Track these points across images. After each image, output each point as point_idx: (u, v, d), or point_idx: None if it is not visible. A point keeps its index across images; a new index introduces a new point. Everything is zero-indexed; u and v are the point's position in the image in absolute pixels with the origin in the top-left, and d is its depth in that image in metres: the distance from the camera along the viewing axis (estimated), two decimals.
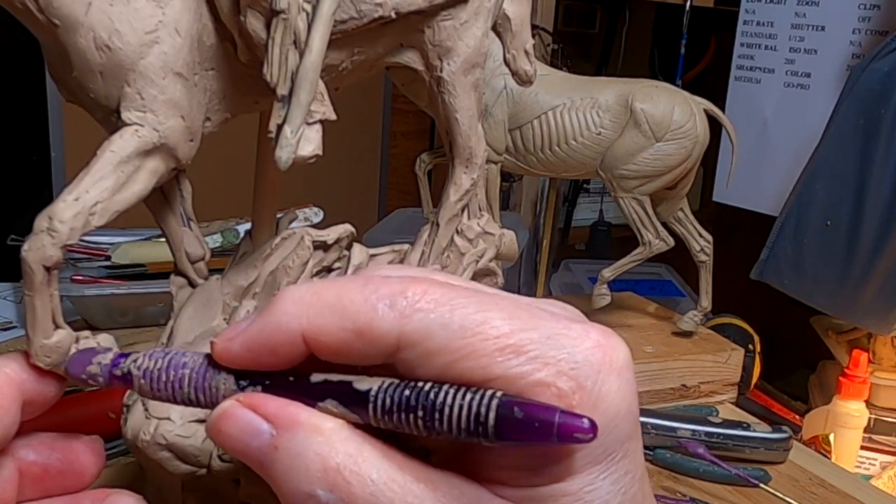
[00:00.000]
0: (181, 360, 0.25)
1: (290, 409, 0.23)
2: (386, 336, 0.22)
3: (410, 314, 0.22)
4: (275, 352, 0.23)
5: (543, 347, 0.22)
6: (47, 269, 0.32)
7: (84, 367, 0.26)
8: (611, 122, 0.80)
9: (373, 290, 0.22)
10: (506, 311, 0.22)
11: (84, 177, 0.34)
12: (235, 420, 0.23)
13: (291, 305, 0.23)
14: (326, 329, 0.22)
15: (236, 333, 0.24)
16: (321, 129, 0.37)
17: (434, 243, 0.50)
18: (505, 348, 0.21)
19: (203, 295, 0.43)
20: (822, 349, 1.21)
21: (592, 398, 0.21)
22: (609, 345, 0.22)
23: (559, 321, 0.22)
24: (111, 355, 0.26)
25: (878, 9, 1.23)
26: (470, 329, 0.22)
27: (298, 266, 0.45)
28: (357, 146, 2.07)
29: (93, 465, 0.29)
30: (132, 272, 0.88)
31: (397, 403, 0.22)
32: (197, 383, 0.24)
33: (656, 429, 0.72)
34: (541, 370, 0.21)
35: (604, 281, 0.85)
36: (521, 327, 0.22)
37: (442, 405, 0.21)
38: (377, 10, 0.40)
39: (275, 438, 0.22)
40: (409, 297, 0.22)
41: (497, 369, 0.21)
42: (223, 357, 0.24)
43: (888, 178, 1.02)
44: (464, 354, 0.21)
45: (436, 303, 0.22)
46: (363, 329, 0.22)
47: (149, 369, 0.25)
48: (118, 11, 0.35)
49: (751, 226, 1.37)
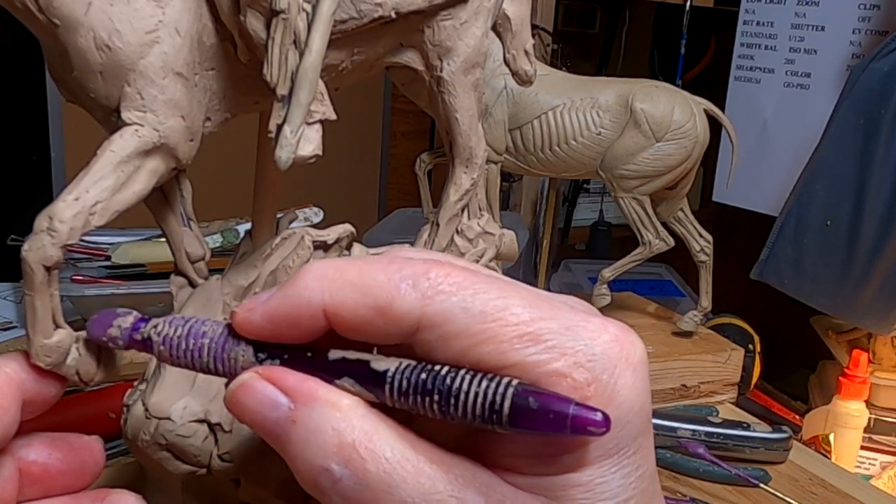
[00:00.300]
0: (201, 328, 0.25)
1: (308, 384, 0.23)
2: (407, 316, 0.22)
3: (432, 295, 0.22)
4: (295, 325, 0.23)
5: (562, 338, 0.22)
6: (47, 269, 0.32)
7: (105, 330, 0.26)
8: (611, 122, 0.80)
9: (396, 270, 0.22)
10: (526, 300, 0.22)
11: (84, 177, 0.34)
12: (254, 392, 0.23)
13: (314, 280, 0.23)
14: (348, 305, 0.22)
15: (257, 304, 0.24)
16: (321, 129, 0.37)
17: (434, 243, 0.50)
18: (524, 336, 0.22)
19: (203, 295, 0.43)
20: (822, 349, 1.21)
21: (607, 391, 0.22)
22: (626, 340, 0.22)
23: (577, 314, 0.23)
24: (132, 318, 0.26)
25: (878, 9, 1.23)
26: (490, 314, 0.22)
27: (298, 266, 0.45)
28: (357, 146, 2.07)
29: (93, 465, 0.29)
30: (132, 272, 0.88)
31: (414, 386, 0.22)
32: (216, 353, 0.24)
33: (656, 429, 0.72)
34: (558, 360, 0.21)
35: (604, 281, 0.85)
36: (541, 316, 0.22)
37: (458, 391, 0.21)
38: (377, 9, 0.40)
39: (292, 412, 0.22)
40: (431, 278, 0.22)
41: (515, 356, 0.21)
42: (243, 327, 0.24)
43: (888, 178, 1.02)
44: (483, 339, 0.22)
45: (458, 286, 0.22)
46: (384, 307, 0.22)
47: (168, 336, 0.25)
48: (118, 11, 0.35)
49: (751, 226, 1.37)
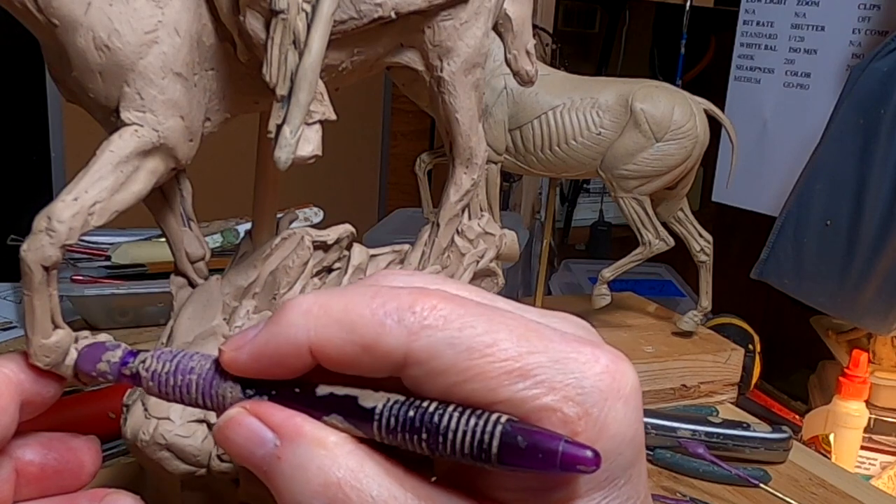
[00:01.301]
0: (188, 364, 0.25)
1: (295, 421, 0.23)
2: (393, 352, 0.22)
3: (418, 331, 0.22)
4: (282, 363, 0.23)
5: (551, 371, 0.21)
6: (46, 269, 0.32)
7: (94, 365, 0.26)
8: (611, 122, 0.80)
9: (381, 304, 0.22)
10: (515, 332, 0.22)
11: (83, 177, 0.34)
12: (241, 428, 0.23)
13: (299, 317, 0.23)
14: (334, 343, 0.22)
15: (244, 342, 0.24)
16: (321, 130, 0.37)
17: (434, 244, 0.50)
18: (512, 371, 0.21)
19: (203, 295, 0.43)
20: (822, 349, 1.21)
21: (598, 425, 0.21)
22: (618, 370, 0.22)
23: (569, 343, 0.22)
24: (120, 353, 0.26)
25: (878, 9, 1.23)
26: (478, 350, 0.21)
27: (298, 266, 0.45)
28: (357, 146, 2.07)
29: (90, 465, 0.29)
30: (132, 272, 0.88)
31: (402, 423, 0.22)
32: (204, 390, 0.25)
33: (656, 429, 0.72)
34: (547, 395, 0.21)
35: (604, 281, 0.85)
36: (530, 350, 0.22)
37: (446, 429, 0.21)
38: (377, 10, 0.40)
39: (278, 449, 0.22)
40: (417, 312, 0.22)
41: (503, 392, 0.21)
42: (231, 366, 0.24)
43: (888, 178, 1.02)
44: (471, 376, 0.21)
45: (444, 320, 0.22)
46: (370, 344, 0.22)
47: (157, 371, 0.25)
48: (117, 11, 0.35)
49: (751, 226, 1.37)
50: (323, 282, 0.47)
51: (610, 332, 0.89)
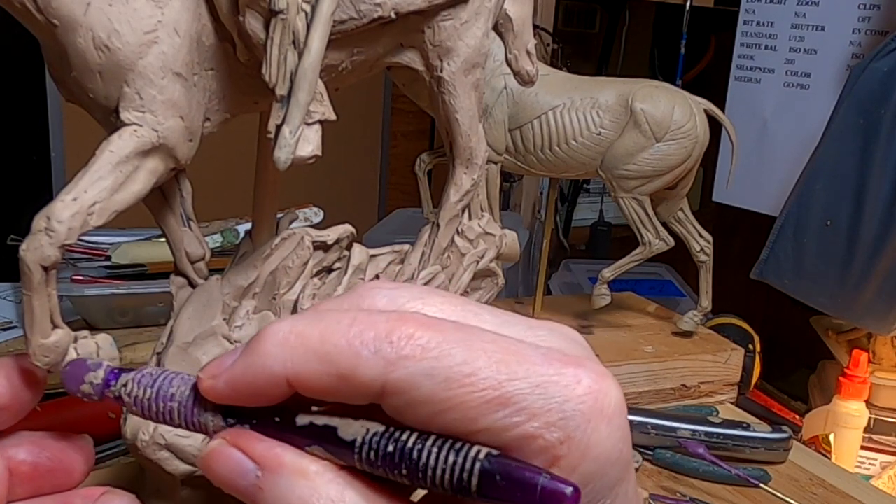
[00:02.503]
0: (169, 389, 0.25)
1: (275, 451, 0.23)
2: (370, 383, 0.22)
3: (395, 361, 0.21)
4: (259, 393, 0.23)
5: (532, 398, 0.21)
6: (45, 269, 0.32)
7: (78, 386, 0.26)
8: (611, 122, 0.80)
9: (357, 334, 0.22)
10: (494, 358, 0.22)
11: (82, 177, 0.34)
12: (223, 459, 0.23)
13: (275, 347, 0.23)
14: (310, 374, 0.22)
15: (220, 371, 0.24)
16: (320, 130, 0.37)
17: (434, 244, 0.50)
18: (492, 400, 0.21)
19: (203, 295, 0.43)
20: (822, 349, 1.21)
21: (581, 448, 0.21)
22: (601, 391, 0.22)
23: (551, 364, 0.22)
24: (102, 374, 0.26)
25: (878, 9, 1.22)
26: (456, 381, 0.21)
27: (298, 266, 0.45)
28: (357, 146, 2.07)
29: (82, 464, 0.29)
30: (132, 272, 0.88)
31: (381, 457, 0.22)
32: (186, 417, 0.25)
33: (656, 429, 0.72)
34: (528, 422, 0.21)
35: (604, 281, 0.85)
36: (509, 377, 0.21)
37: (425, 466, 0.21)
38: (377, 10, 0.40)
39: (260, 480, 0.23)
40: (394, 342, 0.22)
41: (484, 421, 0.21)
42: (209, 394, 0.24)
43: (888, 178, 1.02)
44: (450, 406, 0.21)
45: (422, 349, 0.22)
46: (347, 376, 0.22)
47: (138, 398, 0.25)
48: (117, 11, 0.35)
49: (751, 226, 1.37)
50: (323, 282, 0.47)
51: (610, 332, 0.89)
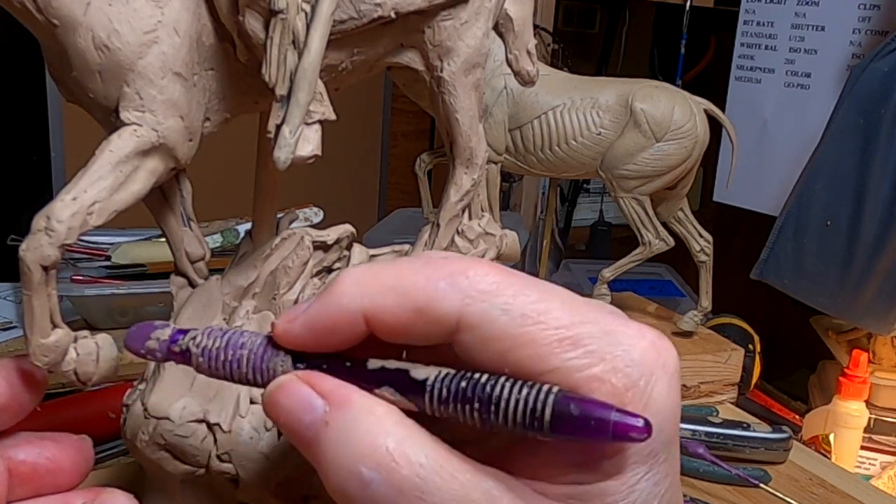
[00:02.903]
0: (239, 339, 0.25)
1: (345, 389, 0.23)
2: (446, 317, 0.22)
3: (472, 295, 0.22)
4: (335, 332, 0.23)
5: (601, 343, 0.22)
6: (45, 269, 0.32)
7: (143, 342, 0.26)
8: (611, 122, 0.80)
9: (434, 270, 0.22)
10: (566, 304, 0.22)
11: (82, 176, 0.34)
12: (292, 393, 0.23)
13: (352, 286, 0.23)
14: (387, 308, 0.22)
15: (297, 314, 0.24)
16: (320, 130, 0.37)
17: (434, 244, 0.50)
18: (564, 340, 0.21)
19: (203, 295, 0.43)
20: (822, 349, 1.21)
21: (644, 398, 0.22)
22: (663, 347, 0.23)
23: (617, 318, 0.23)
24: (169, 331, 0.26)
25: (878, 9, 1.22)
26: (531, 317, 0.22)
27: (298, 266, 0.45)
28: (357, 146, 2.07)
29: (81, 464, 0.29)
30: (132, 272, 0.88)
31: (454, 394, 0.22)
32: (255, 364, 0.25)
33: None
34: (597, 365, 0.21)
35: (604, 281, 0.85)
36: (581, 320, 0.22)
37: (498, 398, 0.21)
38: (377, 10, 0.40)
39: (327, 415, 0.23)
40: (470, 276, 0.22)
41: (554, 360, 0.21)
42: (283, 338, 0.24)
43: (888, 178, 1.02)
44: (523, 343, 0.21)
45: (498, 286, 0.22)
46: (424, 309, 0.22)
47: (207, 347, 0.25)
48: (117, 11, 0.35)
49: (751, 226, 1.37)
50: (323, 282, 0.47)
51: None
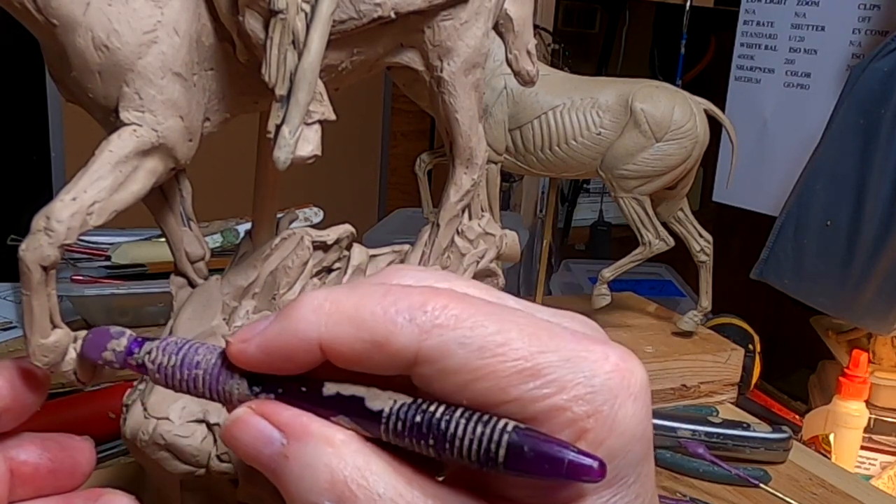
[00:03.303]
0: (194, 357, 0.25)
1: (301, 420, 0.23)
2: (404, 350, 0.22)
3: (430, 329, 0.22)
4: (290, 358, 0.23)
5: (561, 370, 0.22)
6: (45, 269, 0.32)
7: (99, 352, 0.26)
8: (611, 122, 0.80)
9: (392, 303, 0.22)
10: (525, 331, 0.22)
11: (82, 176, 0.34)
12: (248, 428, 0.23)
13: (310, 313, 0.23)
14: (344, 340, 0.22)
15: (253, 335, 0.24)
16: (320, 130, 0.37)
17: (434, 244, 0.50)
18: (523, 371, 0.21)
19: (203, 295, 0.43)
20: (822, 349, 1.21)
21: (608, 423, 0.22)
22: (627, 368, 0.22)
23: (579, 341, 0.22)
24: (125, 341, 0.26)
25: (878, 9, 1.22)
26: (489, 350, 0.21)
27: (298, 266, 0.45)
28: (357, 146, 2.07)
29: (84, 465, 0.29)
30: (132, 272, 0.88)
31: (409, 428, 0.22)
32: (210, 385, 0.24)
33: (656, 429, 0.72)
34: (557, 394, 0.21)
35: (604, 281, 0.85)
36: (540, 349, 0.22)
37: (453, 436, 0.21)
38: (376, 10, 0.40)
39: (286, 448, 0.23)
40: (429, 311, 0.22)
41: (514, 392, 0.21)
42: (238, 358, 0.24)
43: (888, 178, 1.02)
44: (481, 375, 0.21)
45: (456, 319, 0.22)
46: (381, 342, 0.22)
47: (163, 365, 0.25)
48: (116, 11, 0.35)
49: (751, 226, 1.37)
50: (323, 282, 0.47)
51: (610, 332, 0.87)
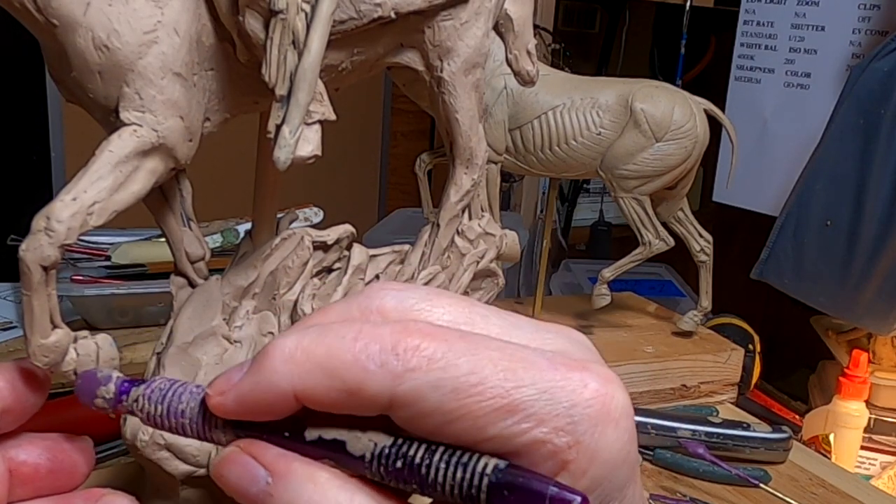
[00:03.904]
0: (178, 406, 0.25)
1: (286, 459, 0.23)
2: (378, 397, 0.22)
3: (402, 374, 0.22)
4: (268, 409, 0.23)
5: (539, 403, 0.21)
6: (45, 269, 0.32)
7: (92, 398, 0.27)
8: (611, 122, 0.80)
9: (363, 349, 0.22)
10: (500, 366, 0.22)
11: (82, 177, 0.34)
12: (236, 466, 0.24)
13: (281, 364, 0.23)
14: (317, 390, 0.22)
15: (228, 387, 0.24)
16: (320, 130, 0.37)
17: (435, 244, 0.50)
18: (500, 409, 0.21)
19: (203, 295, 0.43)
20: (822, 349, 1.21)
21: (590, 451, 0.22)
22: (607, 394, 0.22)
23: (557, 369, 0.22)
24: (112, 388, 0.27)
25: (878, 9, 1.22)
26: (463, 391, 0.21)
27: (298, 266, 0.45)
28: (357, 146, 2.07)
29: (83, 465, 0.29)
30: (132, 272, 0.88)
31: (390, 472, 0.22)
32: (198, 432, 0.25)
33: (656, 429, 0.72)
34: (536, 427, 0.21)
35: (604, 281, 0.85)
36: (516, 384, 0.22)
37: (433, 481, 0.22)
38: (376, 10, 0.40)
39: (270, 486, 0.23)
40: (400, 354, 0.22)
41: (492, 430, 0.21)
42: (217, 410, 0.24)
43: (888, 178, 1.02)
44: (458, 416, 0.21)
45: (428, 361, 0.22)
46: (354, 390, 0.22)
47: (150, 413, 0.26)
48: (117, 11, 0.35)
49: (751, 226, 1.37)
50: (323, 282, 0.47)
51: (610, 332, 0.89)
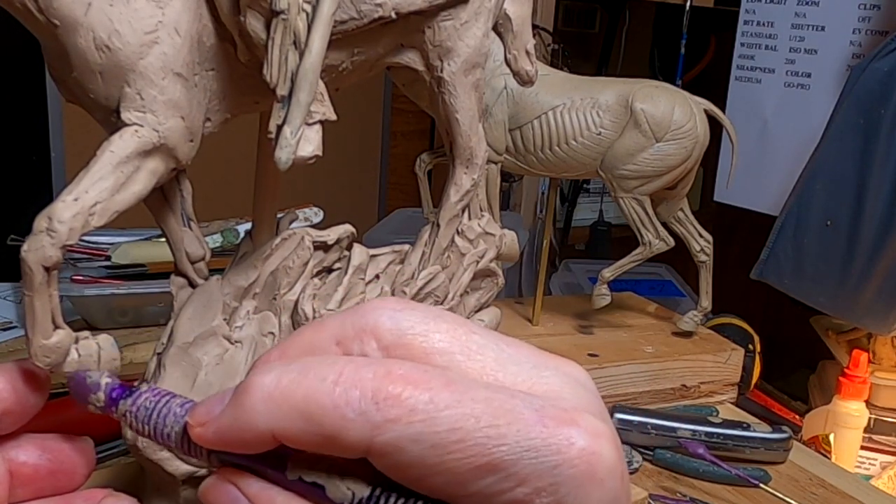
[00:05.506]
0: (163, 429, 0.25)
1: (269, 493, 0.24)
2: (356, 445, 0.22)
3: (381, 425, 0.21)
4: (247, 445, 0.23)
5: (522, 462, 0.21)
6: (46, 270, 0.32)
7: (85, 403, 0.27)
8: (611, 122, 0.80)
9: (342, 394, 0.22)
10: (483, 421, 0.21)
11: (83, 177, 0.34)
12: (221, 495, 0.24)
13: (260, 403, 0.23)
14: (295, 433, 0.22)
15: (209, 419, 0.24)
16: (321, 130, 0.37)
17: (434, 244, 0.50)
18: (481, 467, 0.21)
19: (203, 295, 0.43)
20: (822, 349, 1.21)
21: None
22: (594, 452, 0.22)
23: (545, 424, 0.21)
24: (102, 396, 0.27)
25: (878, 9, 1.22)
26: (444, 447, 0.21)
27: (298, 266, 0.45)
28: (357, 146, 2.07)
29: (83, 466, 0.29)
30: (132, 272, 0.88)
31: None
32: (185, 455, 0.26)
33: (656, 429, 0.72)
34: (518, 487, 0.21)
35: (604, 281, 0.85)
36: (499, 442, 0.21)
37: None
38: (377, 10, 0.40)
39: None
40: (380, 403, 0.21)
41: (472, 486, 0.21)
42: (199, 440, 0.24)
43: (888, 178, 1.02)
44: (438, 471, 0.21)
45: (409, 412, 0.21)
46: (332, 437, 0.22)
47: (140, 431, 0.26)
48: (118, 12, 0.35)
49: (751, 226, 1.37)
50: (323, 282, 0.47)
51: (610, 332, 0.89)
